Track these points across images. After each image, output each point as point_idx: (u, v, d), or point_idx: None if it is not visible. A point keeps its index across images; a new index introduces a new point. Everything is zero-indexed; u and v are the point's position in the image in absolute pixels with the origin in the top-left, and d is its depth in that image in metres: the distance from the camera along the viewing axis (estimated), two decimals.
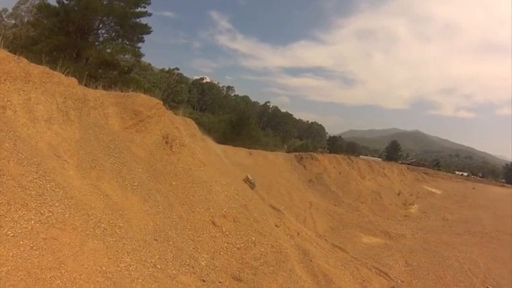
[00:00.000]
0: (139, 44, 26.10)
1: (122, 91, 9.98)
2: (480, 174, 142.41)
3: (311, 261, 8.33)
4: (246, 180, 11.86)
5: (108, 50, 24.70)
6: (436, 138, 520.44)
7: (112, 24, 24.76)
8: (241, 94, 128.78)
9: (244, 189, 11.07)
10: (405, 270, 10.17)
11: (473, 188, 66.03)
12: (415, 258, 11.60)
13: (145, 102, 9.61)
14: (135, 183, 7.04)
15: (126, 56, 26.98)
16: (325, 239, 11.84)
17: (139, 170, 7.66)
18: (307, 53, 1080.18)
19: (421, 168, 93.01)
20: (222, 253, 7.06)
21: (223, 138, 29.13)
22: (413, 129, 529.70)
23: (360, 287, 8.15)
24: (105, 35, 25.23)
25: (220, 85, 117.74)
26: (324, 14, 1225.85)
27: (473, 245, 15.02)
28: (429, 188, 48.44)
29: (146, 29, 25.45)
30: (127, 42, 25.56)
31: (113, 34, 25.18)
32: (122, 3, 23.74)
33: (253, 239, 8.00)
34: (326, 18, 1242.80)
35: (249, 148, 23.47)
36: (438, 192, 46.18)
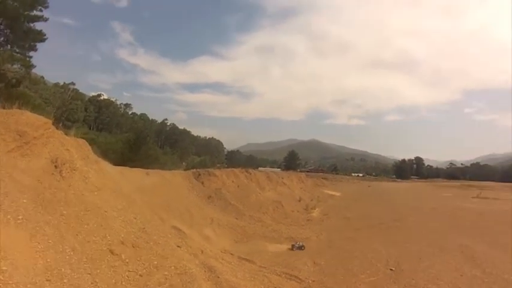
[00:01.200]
0: (31, 53, 23.64)
1: (4, 107, 8.96)
2: (374, 174, 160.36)
3: (218, 277, 8.21)
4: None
5: None
6: (332, 145, 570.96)
7: (1, 26, 21.79)
8: (139, 112, 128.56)
9: (142, 211, 10.62)
10: (314, 270, 10.65)
11: (369, 186, 73.73)
12: (322, 258, 12.23)
13: (32, 121, 8.72)
14: (20, 217, 6.09)
15: (15, 66, 23.59)
16: (231, 253, 11.82)
17: (24, 201, 6.67)
18: (207, 68, 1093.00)
19: (320, 174, 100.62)
20: (123, 283, 6.51)
21: (121, 159, 27.71)
22: (311, 138, 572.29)
23: None
24: None
25: (118, 102, 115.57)
26: (226, 30, 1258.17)
27: (373, 236, 16.70)
28: (329, 192, 52.39)
29: (40, 36, 22.97)
30: (17, 50, 22.80)
31: (1, 39, 22.20)
32: (16, 3, 20.95)
33: (155, 263, 7.60)
34: (228, 34, 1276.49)
35: (147, 168, 22.63)
36: (337, 194, 50.23)
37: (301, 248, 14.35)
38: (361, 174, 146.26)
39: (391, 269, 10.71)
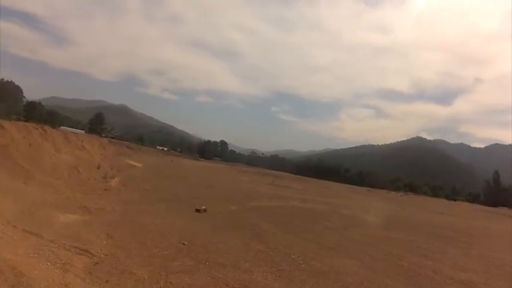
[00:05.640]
0: None
1: None
2: (179, 150, 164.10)
3: None
4: None
5: None
6: (141, 115, 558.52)
7: None
8: None
9: None
10: (107, 244, 10.50)
11: (172, 162, 75.30)
12: (116, 230, 12.13)
13: None
14: None
15: None
16: (14, 226, 10.52)
17: None
18: None
19: (125, 142, 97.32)
20: None
21: None
22: (121, 104, 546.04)
23: (60, 272, 7.72)
24: None
25: None
26: None
27: (169, 211, 17.71)
28: (131, 162, 51.52)
29: None
30: None
31: None
32: None
33: None
34: None
35: None
36: (139, 165, 49.89)
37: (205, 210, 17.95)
38: (166, 148, 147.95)
39: (183, 243, 11.51)
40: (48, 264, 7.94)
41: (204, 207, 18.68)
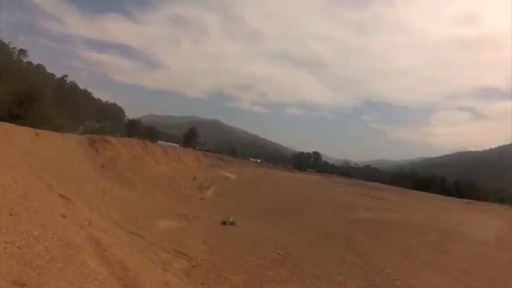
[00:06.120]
0: None
1: None
2: (272, 162, 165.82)
3: (105, 251, 7.74)
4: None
5: None
6: (234, 128, 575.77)
7: None
8: (35, 62, 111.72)
9: (25, 176, 9.58)
10: (204, 250, 10.73)
11: (266, 173, 76.25)
12: (212, 238, 12.37)
13: None
14: None
15: None
16: (121, 227, 11.34)
17: None
18: (117, 28, 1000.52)
19: (217, 155, 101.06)
20: None
21: (8, 115, 24.35)
22: (213, 118, 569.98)
23: (161, 271, 8.08)
24: None
25: (11, 46, 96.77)
26: None
27: (264, 221, 17.48)
28: (225, 173, 53.09)
29: None
30: None
31: None
32: None
33: (36, 233, 6.83)
34: None
35: (38, 128, 20.28)
36: (233, 176, 51.17)
37: (232, 223, 15.45)
38: (259, 160, 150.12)
39: (279, 253, 11.29)
40: (151, 263, 8.30)
41: (232, 219, 16.16)
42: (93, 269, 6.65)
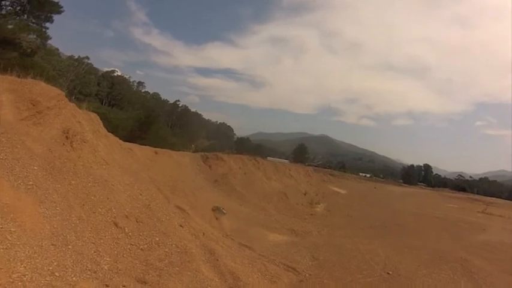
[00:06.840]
0: (47, 24, 23.34)
1: (19, 76, 9.00)
2: (381, 176, 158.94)
3: (217, 260, 8.38)
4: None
5: (9, 26, 21.37)
6: (341, 142, 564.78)
7: None
8: (151, 91, 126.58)
9: (148, 188, 10.86)
10: (312, 265, 10.78)
11: (375, 188, 73.19)
12: (321, 253, 12.34)
13: (45, 91, 8.93)
14: (30, 182, 6.35)
15: (31, 36, 23.28)
16: (232, 238, 12.02)
17: (35, 168, 6.92)
18: (219, 54, 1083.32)
19: (327, 170, 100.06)
20: (125, 255, 6.72)
21: (131, 136, 28.32)
22: (321, 134, 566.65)
23: (269, 283, 8.39)
24: (9, 7, 21.85)
25: (131, 80, 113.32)
26: (241, 19, 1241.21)
27: (374, 238, 16.71)
28: (334, 188, 52.27)
29: (56, 8, 22.76)
30: (33, 20, 22.61)
31: (18, 8, 21.94)
32: None
33: (157, 239, 7.81)
34: (242, 23, 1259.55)
35: (156, 147, 22.90)
36: (343, 191, 50.12)
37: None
38: (368, 175, 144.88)
39: (388, 273, 10.78)
40: (259, 274, 8.66)
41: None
42: (206, 276, 7.22)
